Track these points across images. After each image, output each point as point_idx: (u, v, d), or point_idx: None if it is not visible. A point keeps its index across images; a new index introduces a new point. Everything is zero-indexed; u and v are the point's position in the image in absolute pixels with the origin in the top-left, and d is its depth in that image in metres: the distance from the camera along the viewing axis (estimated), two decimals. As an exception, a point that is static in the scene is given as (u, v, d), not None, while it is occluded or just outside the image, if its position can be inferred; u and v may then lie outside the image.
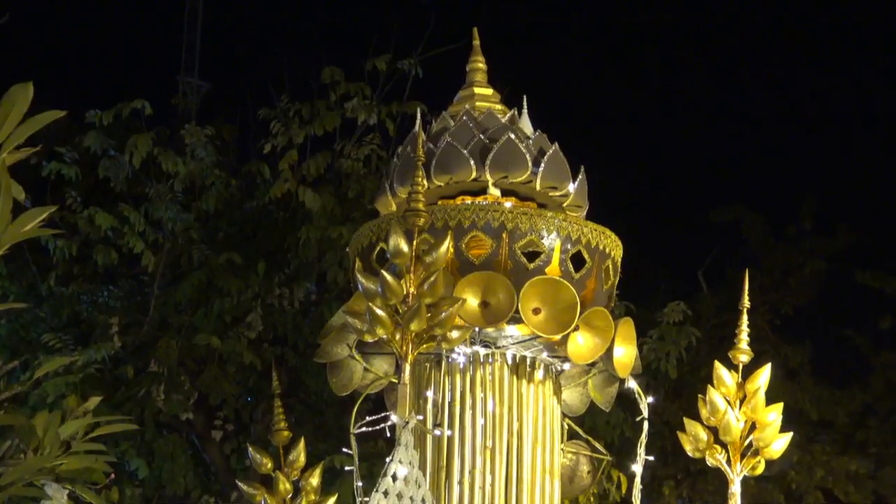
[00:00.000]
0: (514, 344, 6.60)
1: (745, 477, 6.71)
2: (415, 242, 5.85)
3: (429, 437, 6.45)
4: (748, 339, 6.80)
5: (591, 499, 10.92)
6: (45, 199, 11.38)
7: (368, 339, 5.93)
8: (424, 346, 5.86)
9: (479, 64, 7.18)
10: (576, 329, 6.40)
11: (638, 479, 6.87)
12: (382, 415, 6.42)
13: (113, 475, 5.30)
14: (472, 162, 6.63)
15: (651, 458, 7.08)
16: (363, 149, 11.82)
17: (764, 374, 6.73)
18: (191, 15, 17.24)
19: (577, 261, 6.54)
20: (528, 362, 6.63)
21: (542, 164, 6.69)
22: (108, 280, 12.02)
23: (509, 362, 6.59)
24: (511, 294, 6.27)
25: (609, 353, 6.50)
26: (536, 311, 6.33)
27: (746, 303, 6.86)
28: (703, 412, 6.70)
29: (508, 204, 6.62)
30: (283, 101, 11.93)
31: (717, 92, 24.77)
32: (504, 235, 6.39)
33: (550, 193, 6.79)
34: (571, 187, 6.83)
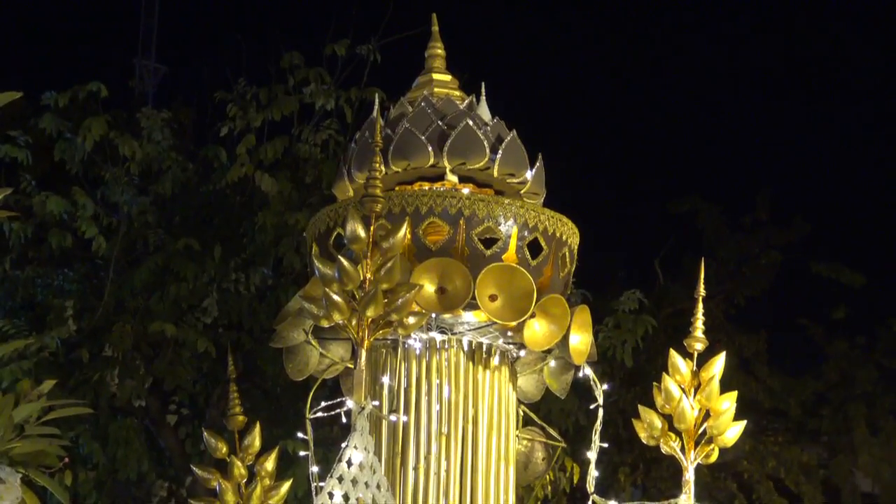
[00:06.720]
0: (470, 330, 6.60)
1: (698, 465, 6.73)
2: (372, 228, 5.84)
3: (384, 423, 6.44)
4: (703, 327, 6.83)
5: (547, 486, 11.00)
6: (-1, 181, 11.31)
7: (325, 324, 5.92)
8: (381, 331, 5.86)
9: (438, 50, 7.16)
10: (532, 316, 6.41)
11: (592, 466, 6.89)
12: (338, 400, 6.42)
13: (66, 459, 5.27)
14: (429, 148, 6.62)
15: (605, 445, 7.10)
16: (321, 134, 11.78)
17: (718, 363, 6.75)
18: (149, -3, 17.13)
19: (534, 248, 6.54)
20: (485, 349, 6.63)
21: (500, 151, 6.69)
22: (64, 263, 11.94)
23: (465, 349, 6.59)
24: (468, 280, 6.27)
25: (565, 340, 6.51)
26: (493, 298, 6.33)
27: (702, 291, 6.88)
28: (658, 400, 6.72)
29: (466, 190, 6.62)
30: (241, 84, 11.88)
31: (675, 82, 24.87)
32: (461, 222, 6.39)
33: (508, 180, 6.80)
34: (529, 174, 6.84)
